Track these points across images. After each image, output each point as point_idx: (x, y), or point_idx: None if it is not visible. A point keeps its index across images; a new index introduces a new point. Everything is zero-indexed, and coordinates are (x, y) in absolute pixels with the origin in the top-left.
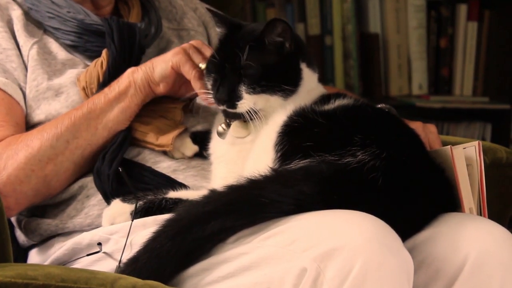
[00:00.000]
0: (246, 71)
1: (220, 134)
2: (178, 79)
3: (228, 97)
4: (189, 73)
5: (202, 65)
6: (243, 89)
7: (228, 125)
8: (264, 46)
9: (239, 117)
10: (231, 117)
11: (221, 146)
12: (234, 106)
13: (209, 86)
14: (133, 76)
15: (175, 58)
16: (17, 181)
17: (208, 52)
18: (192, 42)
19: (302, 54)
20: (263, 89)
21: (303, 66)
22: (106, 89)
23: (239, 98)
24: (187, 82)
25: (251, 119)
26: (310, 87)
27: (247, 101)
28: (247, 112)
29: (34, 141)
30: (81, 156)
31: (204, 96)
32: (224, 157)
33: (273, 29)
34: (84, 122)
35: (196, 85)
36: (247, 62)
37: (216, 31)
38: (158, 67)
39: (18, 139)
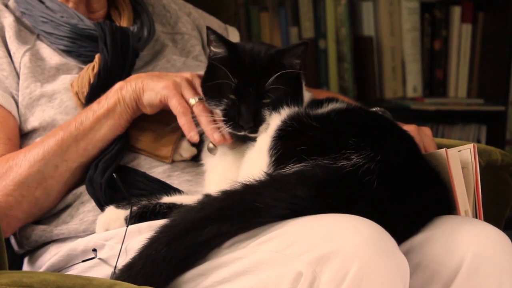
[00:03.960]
0: (272, 95)
1: (211, 150)
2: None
3: (253, 123)
4: (176, 108)
5: (193, 101)
6: (267, 113)
7: None
8: (283, 68)
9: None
10: (243, 141)
11: (213, 158)
12: (256, 131)
13: (220, 111)
14: (121, 92)
15: (164, 91)
16: (7, 207)
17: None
18: (186, 75)
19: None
20: (283, 111)
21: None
22: (94, 105)
23: (262, 122)
24: None
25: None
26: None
27: (266, 124)
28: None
29: (22, 167)
30: (71, 177)
31: (188, 132)
32: (217, 167)
33: (296, 52)
34: (72, 143)
35: (181, 121)
36: (274, 86)
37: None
38: (147, 93)
39: (6, 163)
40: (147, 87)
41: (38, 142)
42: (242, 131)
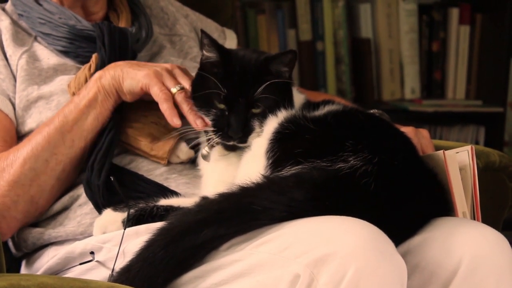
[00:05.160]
0: (261, 104)
1: (205, 157)
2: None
3: (242, 133)
4: (157, 95)
5: (174, 89)
6: (256, 123)
7: (212, 147)
8: (271, 77)
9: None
10: (233, 150)
11: (208, 163)
12: (245, 141)
13: (210, 120)
14: (100, 81)
15: (145, 79)
16: (4, 208)
17: (181, 77)
18: (166, 65)
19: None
20: (280, 113)
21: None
22: (75, 98)
23: (251, 132)
24: None
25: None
26: (295, 99)
27: (256, 134)
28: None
29: (13, 166)
30: (63, 171)
31: (170, 117)
32: (213, 172)
33: (283, 60)
34: (59, 137)
35: (162, 106)
36: (263, 95)
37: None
38: (128, 81)
39: None
40: (127, 75)
41: (25, 140)
42: (231, 141)
